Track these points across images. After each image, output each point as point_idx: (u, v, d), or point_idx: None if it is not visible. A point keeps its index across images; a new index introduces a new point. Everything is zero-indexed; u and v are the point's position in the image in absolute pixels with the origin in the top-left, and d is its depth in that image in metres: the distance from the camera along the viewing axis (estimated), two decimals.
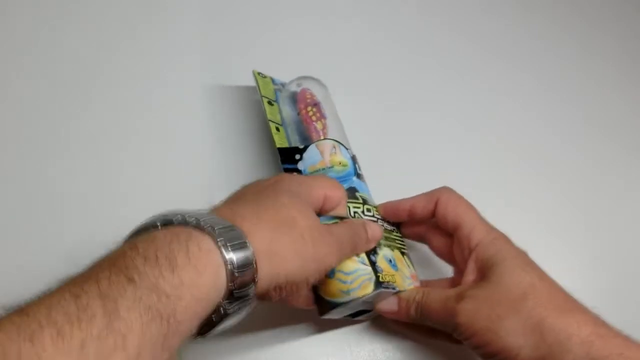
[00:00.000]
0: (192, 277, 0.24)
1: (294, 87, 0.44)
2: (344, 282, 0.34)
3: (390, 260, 0.37)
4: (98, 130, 0.47)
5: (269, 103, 0.44)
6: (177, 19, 0.53)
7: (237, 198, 0.32)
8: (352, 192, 0.39)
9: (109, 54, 0.50)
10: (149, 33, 0.52)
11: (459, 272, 0.38)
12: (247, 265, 0.26)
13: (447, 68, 0.55)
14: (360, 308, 0.37)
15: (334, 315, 0.36)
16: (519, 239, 0.39)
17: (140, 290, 0.22)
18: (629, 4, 0.62)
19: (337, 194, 0.35)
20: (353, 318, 0.39)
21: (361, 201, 0.38)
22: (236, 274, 0.25)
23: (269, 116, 0.43)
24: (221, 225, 0.26)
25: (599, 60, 0.58)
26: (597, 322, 0.31)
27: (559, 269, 0.47)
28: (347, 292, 0.34)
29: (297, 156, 0.40)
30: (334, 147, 0.41)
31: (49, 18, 0.51)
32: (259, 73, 0.46)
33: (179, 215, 0.26)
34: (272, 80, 0.47)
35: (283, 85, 0.46)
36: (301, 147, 0.41)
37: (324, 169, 0.39)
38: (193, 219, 0.26)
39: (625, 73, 0.58)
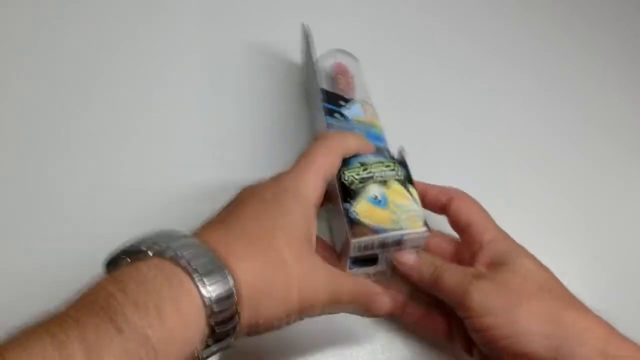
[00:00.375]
0: (180, 331, 0.23)
1: (328, 60, 0.46)
2: (395, 213, 0.35)
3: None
4: (98, 130, 0.47)
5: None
6: (177, 19, 0.53)
7: (234, 219, 0.30)
8: (383, 152, 0.39)
9: (109, 54, 0.51)
10: (149, 33, 0.52)
11: None
12: (230, 321, 0.25)
13: (447, 68, 0.55)
14: (379, 251, 0.36)
15: (361, 247, 0.35)
16: (519, 239, 0.39)
17: (128, 342, 0.21)
18: (629, 4, 0.62)
19: (335, 159, 0.35)
20: (351, 268, 0.38)
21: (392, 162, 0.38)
22: (217, 330, 0.25)
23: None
24: (213, 278, 0.25)
25: (599, 60, 0.58)
26: (609, 325, 0.31)
27: (559, 269, 0.47)
28: (397, 222, 0.34)
29: (342, 102, 0.41)
30: (374, 114, 0.42)
31: (49, 18, 0.51)
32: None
33: (171, 251, 0.25)
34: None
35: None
36: (347, 98, 0.42)
37: (366, 123, 0.41)
38: (184, 260, 0.24)
39: (625, 73, 0.58)
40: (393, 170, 0.37)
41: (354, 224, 0.34)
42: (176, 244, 0.25)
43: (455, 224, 0.38)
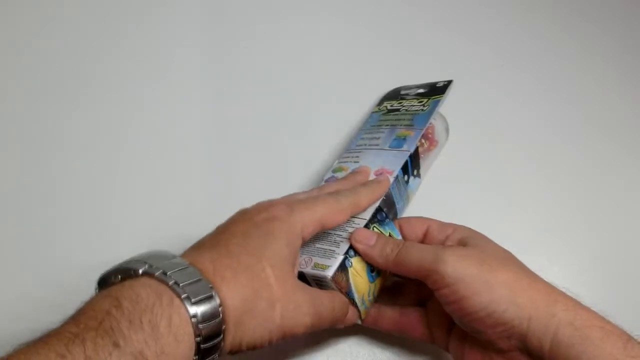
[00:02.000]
0: (172, 347, 0.24)
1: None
2: (368, 295, 0.37)
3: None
4: (96, 133, 0.47)
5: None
6: (178, 19, 0.53)
7: (223, 240, 0.31)
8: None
9: (108, 55, 0.50)
10: (150, 33, 0.52)
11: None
12: (216, 338, 0.27)
13: (446, 68, 0.55)
14: (327, 287, 0.37)
15: (322, 284, 0.36)
16: (519, 239, 0.39)
17: (124, 356, 0.23)
18: (629, 4, 0.62)
19: (336, 219, 0.35)
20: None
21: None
22: (203, 346, 0.26)
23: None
24: (200, 296, 0.26)
25: (599, 60, 0.58)
26: (575, 299, 0.32)
27: (559, 269, 0.47)
28: (363, 302, 0.36)
29: (416, 172, 0.42)
30: None
31: (48, 20, 0.51)
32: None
33: (160, 270, 0.26)
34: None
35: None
36: (420, 171, 0.43)
37: (409, 200, 0.43)
38: (172, 279, 0.26)
39: (625, 73, 0.58)
40: None
41: (343, 268, 0.35)
42: (164, 263, 0.27)
43: (415, 240, 0.39)
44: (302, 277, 0.36)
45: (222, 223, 0.33)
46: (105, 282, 0.27)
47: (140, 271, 0.26)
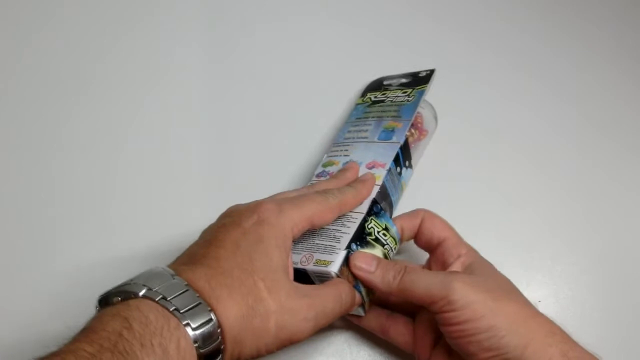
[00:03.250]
0: None
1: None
2: None
3: None
4: (96, 133, 0.47)
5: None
6: (178, 19, 0.53)
7: (215, 257, 0.31)
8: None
9: (108, 55, 0.50)
10: (150, 33, 0.52)
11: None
12: (215, 358, 0.28)
13: (446, 69, 0.55)
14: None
15: (326, 278, 0.36)
16: (519, 239, 0.39)
17: None
18: (629, 4, 0.62)
19: (326, 216, 0.35)
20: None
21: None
22: None
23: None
24: (200, 321, 0.27)
25: (599, 60, 0.58)
26: (565, 332, 0.33)
27: (559, 269, 0.47)
28: (368, 294, 0.36)
29: (407, 163, 0.42)
30: None
31: (48, 19, 0.51)
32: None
33: (160, 295, 0.27)
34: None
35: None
36: (412, 162, 0.43)
37: (403, 191, 0.43)
38: (173, 305, 0.27)
39: (625, 73, 0.58)
40: (393, 253, 0.39)
41: (347, 263, 0.35)
42: (163, 286, 0.28)
43: (428, 242, 0.39)
44: (303, 274, 0.36)
45: (212, 225, 0.34)
46: (106, 302, 0.28)
47: (140, 294, 0.27)
